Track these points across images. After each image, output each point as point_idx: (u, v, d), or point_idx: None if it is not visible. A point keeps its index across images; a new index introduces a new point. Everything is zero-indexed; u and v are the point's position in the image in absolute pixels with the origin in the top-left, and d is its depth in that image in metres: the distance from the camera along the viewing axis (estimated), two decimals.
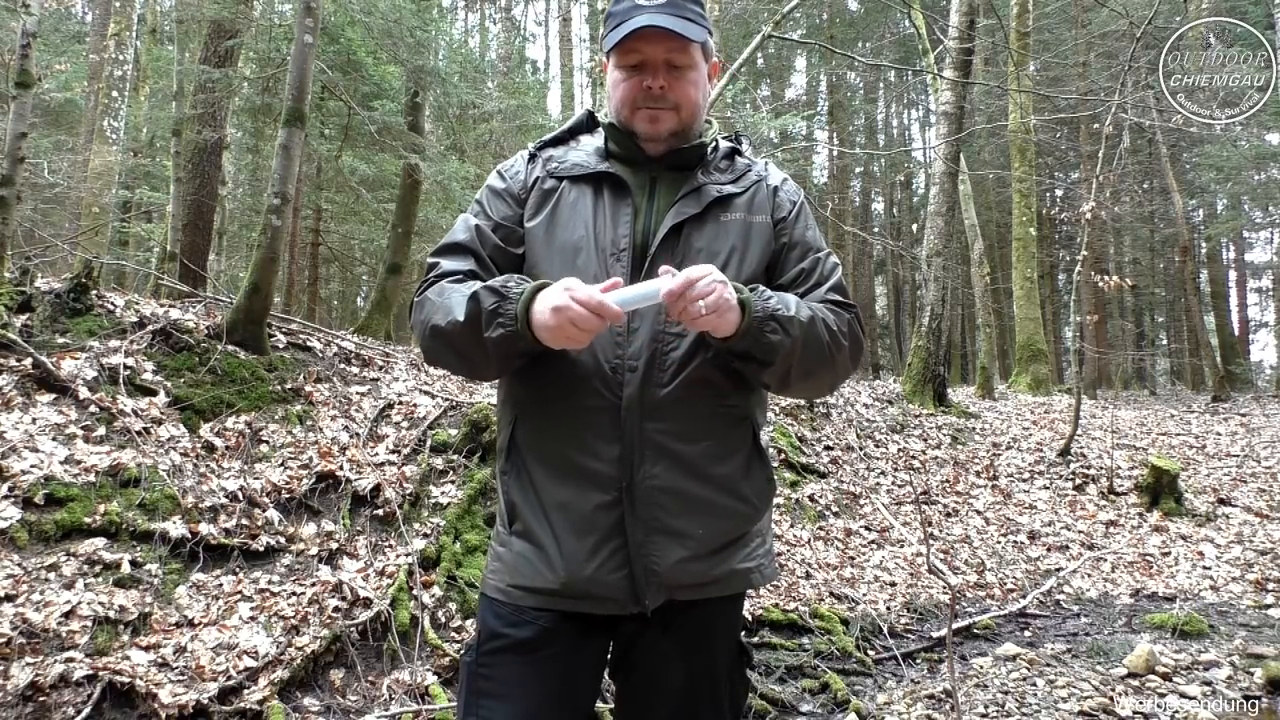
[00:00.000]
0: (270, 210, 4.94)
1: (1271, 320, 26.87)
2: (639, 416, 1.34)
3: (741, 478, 1.41)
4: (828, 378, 1.40)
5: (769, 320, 1.26)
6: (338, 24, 8.59)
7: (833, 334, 1.35)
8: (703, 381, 1.37)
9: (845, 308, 1.43)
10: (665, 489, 1.35)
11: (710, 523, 1.37)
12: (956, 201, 10.98)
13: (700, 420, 1.38)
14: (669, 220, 1.42)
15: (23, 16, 4.64)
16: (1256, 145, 17.32)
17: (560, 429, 1.38)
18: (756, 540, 1.46)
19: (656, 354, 1.36)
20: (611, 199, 1.45)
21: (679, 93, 1.44)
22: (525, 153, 1.57)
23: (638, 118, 1.44)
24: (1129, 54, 8.69)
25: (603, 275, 1.37)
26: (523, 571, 1.38)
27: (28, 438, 3.39)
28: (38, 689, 2.50)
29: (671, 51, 1.41)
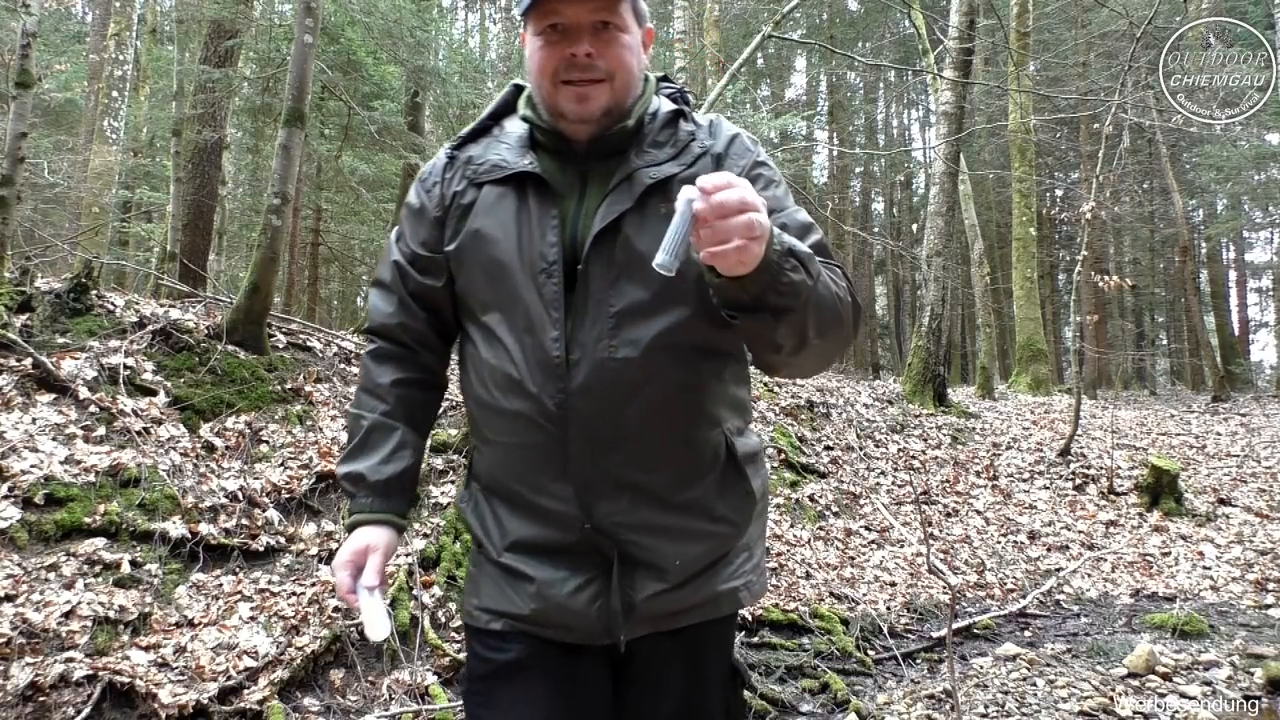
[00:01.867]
0: (270, 210, 4.94)
1: (1271, 320, 26.88)
2: (590, 452, 1.20)
3: (716, 497, 1.27)
4: (839, 339, 1.15)
5: (789, 256, 1.01)
6: (338, 24, 8.58)
7: (839, 286, 1.15)
8: (661, 404, 1.21)
9: (833, 265, 1.22)
10: (631, 525, 1.22)
11: (686, 550, 1.25)
12: (956, 201, 10.98)
13: (661, 445, 1.23)
14: (598, 222, 1.20)
15: (23, 16, 4.64)
16: (1256, 145, 17.32)
17: (512, 467, 1.27)
18: (742, 556, 1.32)
19: (604, 383, 1.19)
20: (537, 203, 1.25)
21: (611, 59, 1.20)
22: (443, 155, 1.36)
23: (562, 95, 1.21)
24: (1129, 54, 8.69)
25: (534, 298, 1.22)
26: (494, 596, 1.29)
27: (28, 438, 3.39)
28: (38, 689, 2.50)
29: (597, 11, 1.18)
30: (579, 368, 1.19)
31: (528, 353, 1.22)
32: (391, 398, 1.37)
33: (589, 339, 1.19)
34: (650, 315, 1.20)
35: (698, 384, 1.24)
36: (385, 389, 1.38)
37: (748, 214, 0.94)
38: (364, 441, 1.36)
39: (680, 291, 1.19)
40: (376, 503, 1.34)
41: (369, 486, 1.33)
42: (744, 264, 0.96)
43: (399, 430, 1.37)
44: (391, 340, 1.39)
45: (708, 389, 1.26)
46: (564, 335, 1.20)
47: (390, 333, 1.39)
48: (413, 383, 1.40)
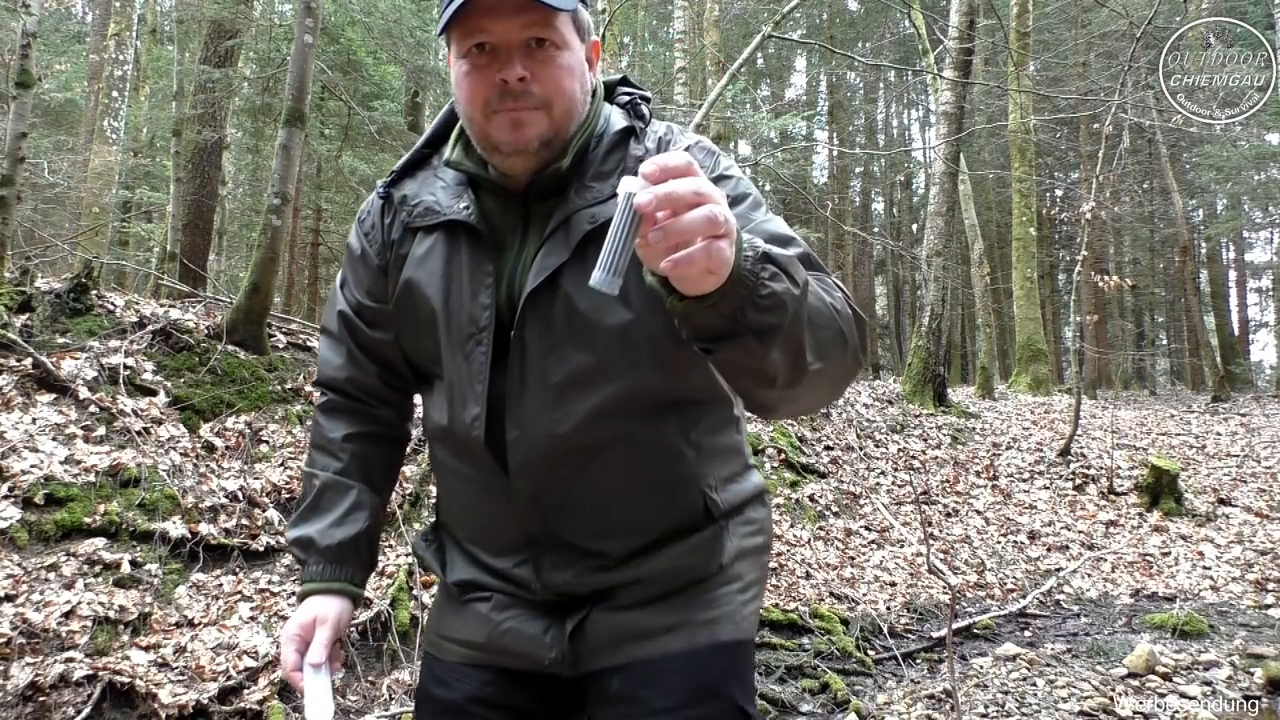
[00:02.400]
0: (270, 210, 4.94)
1: (1271, 320, 26.88)
2: (540, 521, 1.10)
3: (690, 556, 1.12)
4: (844, 360, 0.92)
5: (764, 261, 0.79)
6: (338, 24, 8.59)
7: (833, 297, 0.93)
8: (619, 475, 1.09)
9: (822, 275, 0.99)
10: (589, 586, 1.11)
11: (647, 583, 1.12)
12: (956, 201, 10.98)
13: (623, 514, 1.10)
14: (531, 279, 1.05)
15: (23, 16, 4.64)
16: (1256, 145, 17.33)
17: (464, 525, 1.21)
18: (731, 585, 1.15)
19: (547, 461, 1.07)
20: (469, 256, 1.10)
21: (548, 83, 1.03)
22: (377, 195, 1.21)
23: (495, 124, 1.03)
24: (1129, 54, 8.69)
25: (461, 366, 1.10)
26: (453, 624, 1.21)
27: (28, 438, 3.39)
28: (38, 689, 2.50)
29: (531, 26, 1.01)
30: (518, 445, 1.07)
31: (457, 429, 1.12)
32: (345, 454, 1.26)
33: (528, 413, 1.06)
34: (600, 381, 1.06)
35: (664, 445, 1.10)
36: (338, 445, 1.26)
37: (707, 206, 0.72)
38: (315, 503, 1.24)
39: (635, 346, 1.04)
40: (328, 570, 1.22)
41: (320, 552, 1.22)
42: (712, 272, 0.73)
43: (354, 490, 1.25)
44: (342, 394, 1.28)
45: (677, 447, 1.11)
46: (484, 410, 1.08)
47: (340, 386, 1.27)
48: (369, 437, 1.28)
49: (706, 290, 0.76)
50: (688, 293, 0.76)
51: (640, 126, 1.13)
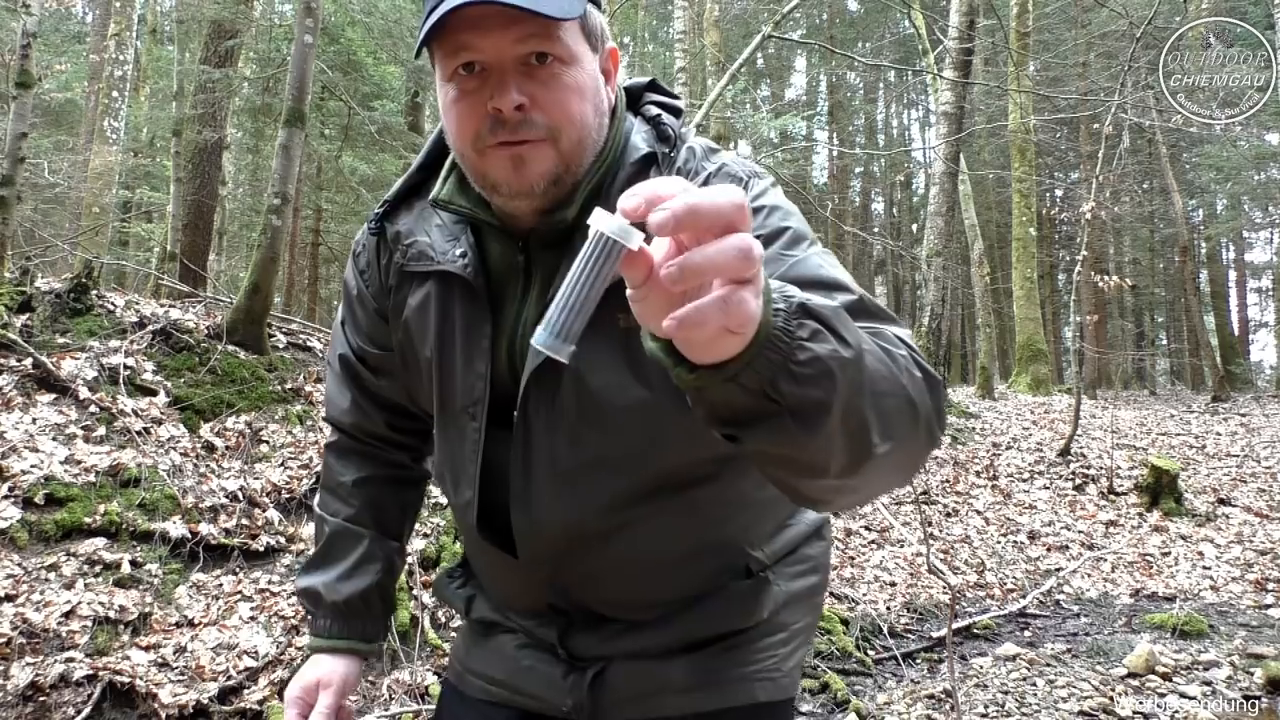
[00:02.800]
0: (270, 210, 4.94)
1: (1271, 320, 26.87)
2: (557, 591, 1.01)
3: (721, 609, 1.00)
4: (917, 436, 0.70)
5: (801, 314, 0.58)
6: (338, 24, 8.59)
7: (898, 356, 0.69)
8: (644, 553, 0.96)
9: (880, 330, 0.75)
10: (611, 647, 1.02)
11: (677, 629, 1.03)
12: (956, 201, 10.99)
13: (649, 582, 0.99)
14: (531, 359, 0.90)
15: (23, 16, 4.65)
16: (1256, 145, 17.33)
17: (483, 579, 1.13)
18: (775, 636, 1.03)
19: (557, 552, 0.97)
20: (464, 315, 0.96)
21: (554, 110, 0.84)
22: (369, 230, 1.05)
23: (491, 162, 0.85)
24: (1129, 54, 8.70)
25: (455, 438, 0.99)
26: (474, 655, 1.14)
27: (28, 438, 3.39)
28: (38, 689, 2.50)
29: (528, 39, 0.82)
30: (525, 536, 0.96)
31: (457, 504, 1.03)
32: (357, 500, 1.16)
33: (536, 503, 0.94)
34: (619, 468, 0.92)
35: (700, 514, 0.97)
36: (348, 489, 1.16)
37: (739, 237, 0.51)
38: (324, 551, 1.16)
39: (658, 427, 0.89)
40: (335, 626, 1.14)
41: (327, 607, 1.14)
42: (732, 331, 0.53)
43: (365, 539, 1.15)
44: (351, 436, 1.18)
45: (715, 514, 0.97)
46: (477, 495, 0.98)
47: (347, 429, 1.18)
48: (381, 480, 1.18)
49: (726, 356, 0.55)
50: (700, 360, 0.56)
51: (664, 152, 0.92)
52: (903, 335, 0.75)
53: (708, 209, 0.50)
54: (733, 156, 0.95)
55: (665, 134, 0.94)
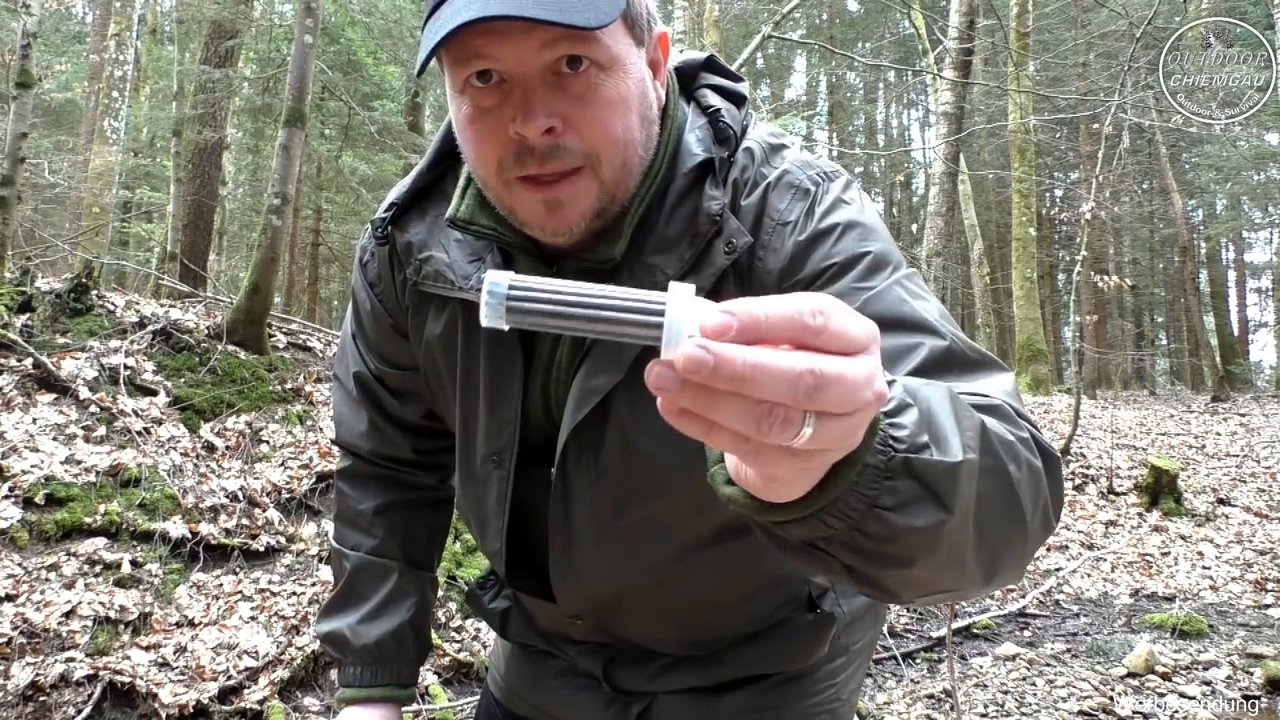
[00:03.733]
0: (270, 210, 4.94)
1: (1271, 320, 26.87)
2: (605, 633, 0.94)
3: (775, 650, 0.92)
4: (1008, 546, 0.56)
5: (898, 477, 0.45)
6: (338, 24, 8.60)
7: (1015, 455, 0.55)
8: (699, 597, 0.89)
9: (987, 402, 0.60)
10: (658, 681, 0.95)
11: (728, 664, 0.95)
12: (956, 201, 10.99)
13: (706, 621, 0.92)
14: (574, 408, 0.78)
15: (23, 16, 4.65)
16: (1256, 145, 17.33)
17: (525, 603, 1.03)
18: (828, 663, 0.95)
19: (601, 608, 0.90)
20: (491, 353, 0.83)
21: (591, 131, 0.69)
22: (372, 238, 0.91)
23: (520, 199, 0.72)
24: (1129, 54, 8.70)
25: (478, 492, 0.89)
26: (516, 671, 1.08)
27: (28, 438, 3.39)
28: (38, 689, 2.50)
29: (554, 44, 0.67)
30: (566, 594, 0.89)
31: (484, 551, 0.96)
32: (380, 529, 1.03)
33: (578, 563, 0.86)
34: (671, 527, 0.83)
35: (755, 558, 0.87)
36: (368, 519, 1.03)
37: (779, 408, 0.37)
38: (347, 590, 1.02)
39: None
40: (366, 674, 1.01)
41: (356, 653, 1.01)
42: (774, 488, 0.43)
43: (393, 572, 1.02)
44: (368, 462, 1.05)
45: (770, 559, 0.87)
46: (505, 549, 0.89)
47: (364, 455, 1.04)
48: (405, 506, 1.05)
49: (777, 500, 0.44)
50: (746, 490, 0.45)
51: (722, 157, 0.77)
52: (1012, 400, 0.61)
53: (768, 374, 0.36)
54: (797, 157, 0.79)
55: (724, 133, 0.77)
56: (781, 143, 0.80)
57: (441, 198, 0.86)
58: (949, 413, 0.48)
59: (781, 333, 0.37)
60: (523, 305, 0.41)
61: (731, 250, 0.73)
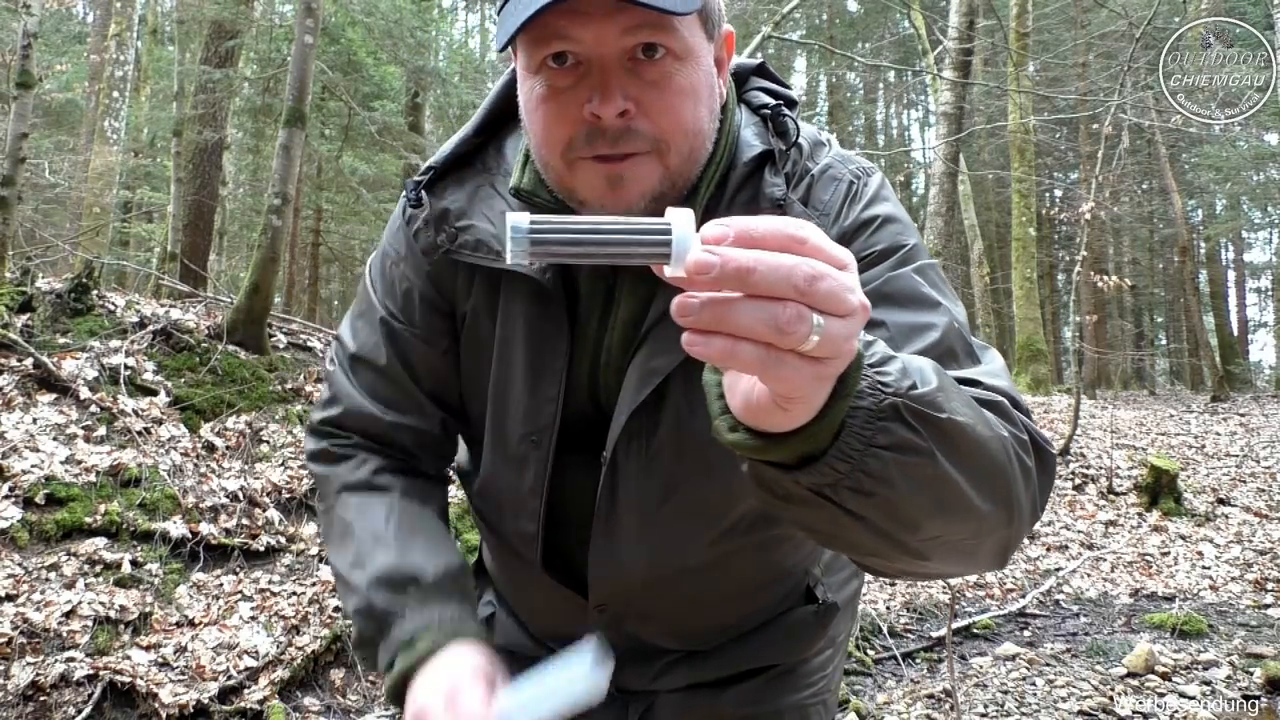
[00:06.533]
0: (270, 210, 4.94)
1: (1271, 320, 26.89)
2: (615, 630, 0.91)
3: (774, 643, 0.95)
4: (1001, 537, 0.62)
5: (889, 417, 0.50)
6: (338, 24, 8.60)
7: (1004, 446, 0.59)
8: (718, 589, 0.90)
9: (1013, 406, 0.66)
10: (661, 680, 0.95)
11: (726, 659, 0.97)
12: (956, 201, 10.99)
13: (717, 614, 0.93)
14: (633, 391, 0.78)
15: (23, 17, 4.65)
16: (1256, 145, 17.34)
17: (518, 602, 1.01)
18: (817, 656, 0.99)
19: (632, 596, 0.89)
20: (534, 329, 0.81)
21: (664, 118, 0.71)
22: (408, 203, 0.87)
23: (582, 177, 0.73)
24: (1129, 54, 8.70)
25: (510, 472, 0.86)
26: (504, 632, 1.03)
27: (28, 438, 3.40)
28: (38, 688, 2.50)
29: (636, 30, 0.69)
30: (602, 579, 0.87)
31: (510, 537, 0.91)
32: (395, 486, 0.91)
33: (621, 547, 0.84)
34: (720, 510, 0.84)
35: (780, 542, 0.90)
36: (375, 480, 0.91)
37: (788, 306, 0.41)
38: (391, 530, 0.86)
39: None
40: (449, 611, 0.82)
41: (426, 590, 0.82)
42: (781, 406, 0.46)
43: (430, 513, 0.91)
44: (380, 442, 0.93)
45: (793, 540, 0.90)
46: (541, 529, 0.86)
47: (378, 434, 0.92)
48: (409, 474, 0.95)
49: (776, 429, 0.48)
50: (748, 422, 0.48)
51: (780, 149, 0.80)
52: (1006, 387, 0.67)
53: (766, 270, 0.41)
54: (838, 152, 0.84)
55: (784, 128, 0.81)
56: (823, 140, 0.85)
57: (482, 169, 0.86)
58: (937, 378, 0.52)
59: (772, 241, 0.42)
60: (544, 238, 0.44)
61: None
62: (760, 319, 0.41)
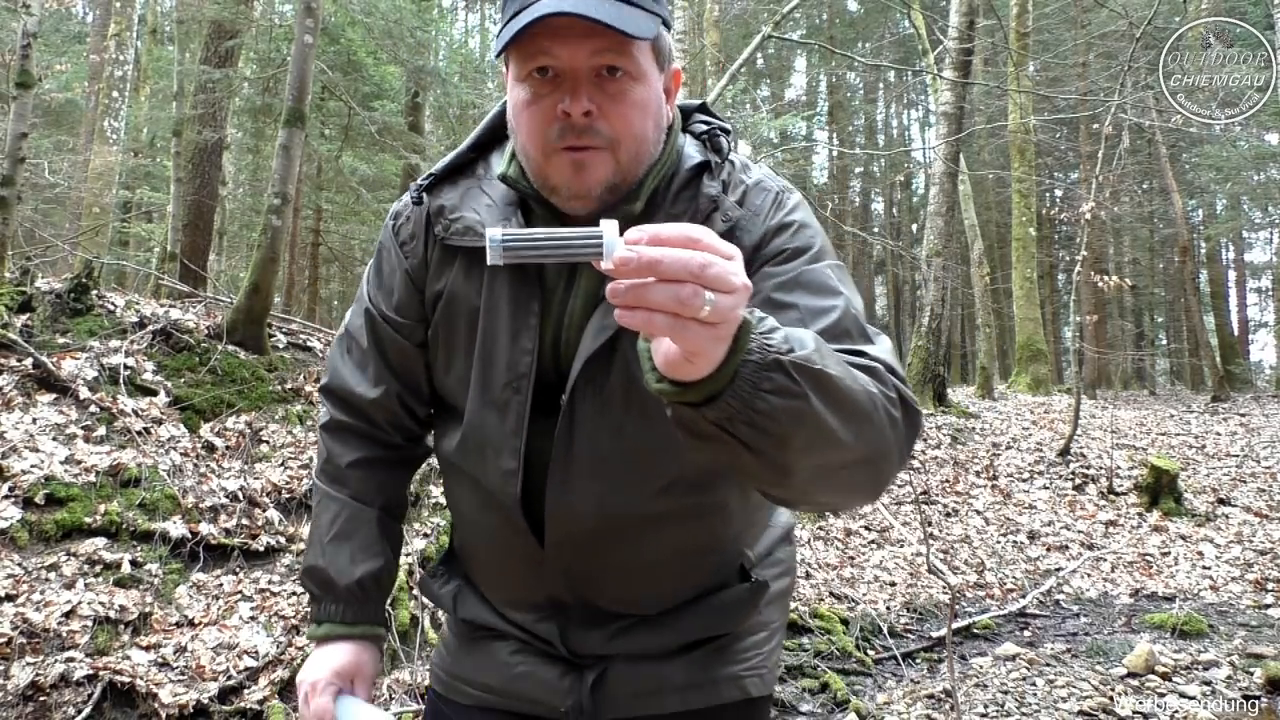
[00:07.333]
0: (270, 210, 4.94)
1: (1271, 320, 26.87)
2: (566, 585, 1.04)
3: (714, 613, 1.07)
4: (868, 474, 0.78)
5: (772, 369, 0.64)
6: (338, 24, 8.60)
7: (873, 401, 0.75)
8: (662, 546, 1.02)
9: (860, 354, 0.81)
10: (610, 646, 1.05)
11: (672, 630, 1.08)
12: (956, 201, 10.99)
13: (658, 578, 1.05)
14: (587, 342, 0.95)
15: (23, 16, 4.65)
16: (1256, 145, 17.33)
17: (483, 575, 1.12)
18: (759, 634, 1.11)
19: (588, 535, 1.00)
20: (512, 292, 0.99)
21: (617, 122, 0.91)
22: (410, 199, 1.08)
23: (554, 165, 0.92)
24: (1129, 54, 8.70)
25: (493, 417, 1.00)
26: (462, 662, 1.14)
27: (28, 438, 3.39)
28: (38, 689, 2.50)
29: (603, 53, 0.89)
30: (559, 519, 0.99)
31: (487, 484, 1.03)
32: (360, 481, 1.15)
33: (576, 488, 0.98)
34: (663, 459, 0.97)
35: (719, 509, 1.04)
36: (349, 471, 1.15)
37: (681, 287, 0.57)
38: (329, 531, 1.13)
39: None
40: (349, 611, 1.11)
41: (339, 591, 1.11)
42: (687, 359, 0.61)
43: (372, 519, 1.14)
44: (354, 412, 1.15)
45: (730, 508, 1.04)
46: (522, 466, 0.99)
47: (355, 403, 1.15)
48: (382, 463, 1.17)
49: (687, 379, 0.63)
50: (669, 375, 0.63)
51: (716, 161, 1.00)
52: (887, 359, 0.82)
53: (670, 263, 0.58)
54: (767, 172, 1.04)
55: (719, 145, 1.02)
56: (751, 163, 1.06)
57: (473, 176, 1.06)
58: (814, 344, 0.69)
59: (675, 241, 0.59)
60: (513, 245, 0.61)
61: (727, 220, 0.97)
62: (667, 296, 0.57)
